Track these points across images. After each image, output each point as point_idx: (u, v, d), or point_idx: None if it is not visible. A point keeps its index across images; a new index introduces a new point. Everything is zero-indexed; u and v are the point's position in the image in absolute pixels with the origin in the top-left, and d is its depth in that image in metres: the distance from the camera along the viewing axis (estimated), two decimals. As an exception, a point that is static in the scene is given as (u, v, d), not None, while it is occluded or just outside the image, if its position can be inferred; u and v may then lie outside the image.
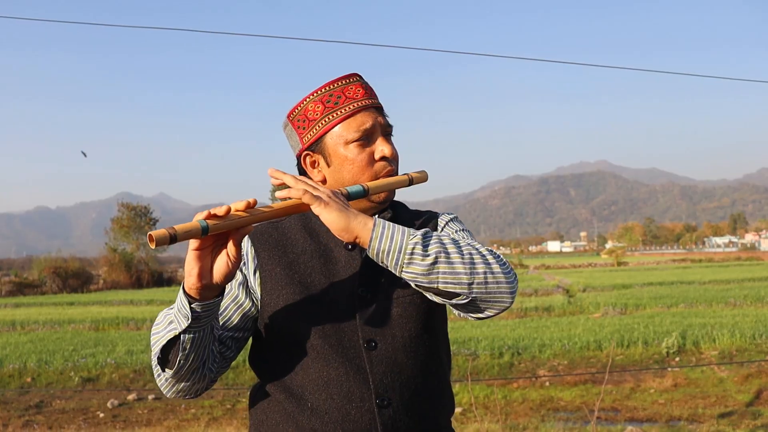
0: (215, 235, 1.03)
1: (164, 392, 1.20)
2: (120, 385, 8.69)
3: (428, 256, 1.04)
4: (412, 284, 1.08)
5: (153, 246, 0.96)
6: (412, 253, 1.04)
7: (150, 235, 0.95)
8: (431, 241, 1.05)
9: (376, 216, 1.08)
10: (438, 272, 1.04)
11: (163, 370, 1.15)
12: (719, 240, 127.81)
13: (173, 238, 0.95)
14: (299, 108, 1.25)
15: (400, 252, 1.04)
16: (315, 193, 1.06)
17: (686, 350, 9.34)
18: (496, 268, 1.08)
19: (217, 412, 7.23)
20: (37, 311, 20.36)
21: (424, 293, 1.11)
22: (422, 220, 1.33)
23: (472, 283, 1.05)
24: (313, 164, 1.27)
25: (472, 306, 1.09)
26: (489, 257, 1.09)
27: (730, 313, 12.83)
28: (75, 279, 37.79)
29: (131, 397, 7.97)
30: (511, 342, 9.81)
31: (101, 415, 7.33)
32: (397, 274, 1.07)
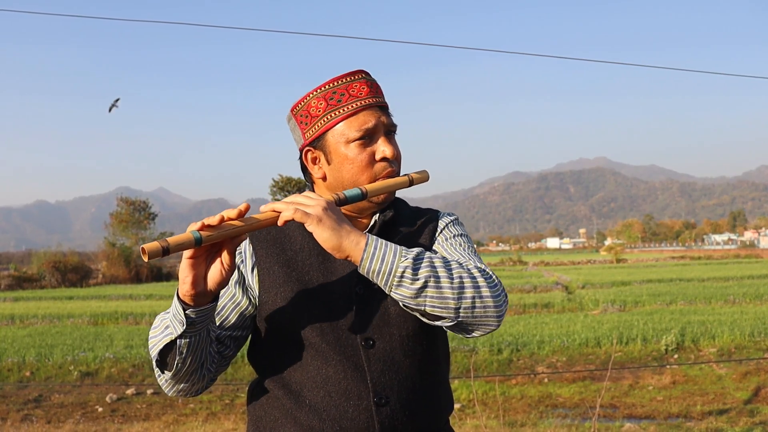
0: (209, 244, 1.04)
1: (165, 391, 1.21)
2: (119, 379, 8.69)
3: (417, 280, 1.04)
4: (400, 304, 1.10)
5: (146, 259, 0.96)
6: (401, 276, 1.04)
7: (143, 248, 0.96)
8: (422, 264, 1.05)
9: (369, 234, 1.08)
10: (426, 296, 1.05)
11: (162, 372, 1.16)
12: (718, 237, 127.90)
13: (166, 251, 0.96)
14: (302, 103, 1.24)
15: (389, 274, 1.05)
16: (307, 210, 1.05)
17: (685, 347, 9.35)
18: (485, 292, 1.08)
19: (215, 407, 7.23)
20: (36, 305, 20.35)
21: (411, 313, 1.12)
22: (423, 219, 1.32)
23: (459, 308, 1.06)
24: (314, 160, 1.27)
25: (457, 328, 1.11)
26: (479, 280, 1.09)
27: (729, 311, 12.84)
28: (74, 273, 37.75)
29: (130, 391, 7.98)
30: (510, 338, 9.81)
31: (100, 409, 7.33)
32: (387, 293, 1.08)
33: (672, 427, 6.03)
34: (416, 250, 1.08)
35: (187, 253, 1.03)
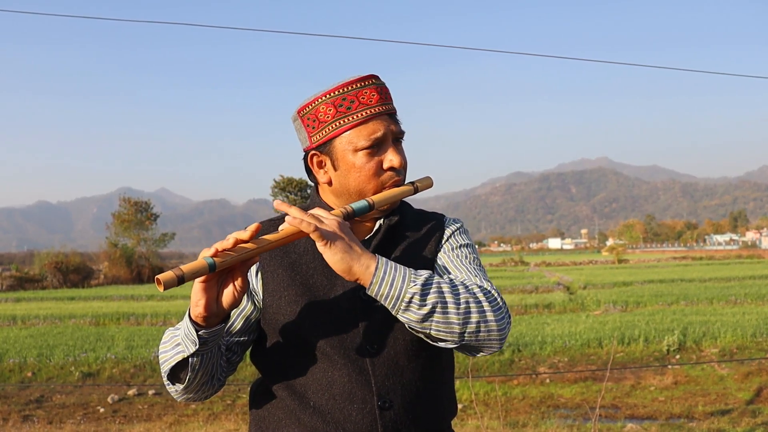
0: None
1: (175, 398, 1.23)
2: (120, 380, 8.70)
3: (425, 306, 1.05)
4: (406, 325, 1.11)
5: (161, 289, 0.97)
6: (409, 302, 1.05)
7: (157, 278, 0.97)
8: (430, 290, 1.06)
9: (378, 257, 1.08)
10: (432, 321, 1.06)
11: (173, 384, 1.18)
12: (720, 238, 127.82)
13: (181, 280, 0.97)
14: (310, 107, 1.22)
15: (398, 299, 1.06)
16: (322, 227, 1.05)
17: (687, 348, 9.34)
18: (490, 316, 1.09)
19: (216, 407, 7.23)
20: (38, 306, 20.38)
21: (415, 334, 1.14)
22: (429, 225, 1.32)
23: (463, 333, 1.08)
24: (320, 164, 1.26)
25: (460, 349, 1.13)
26: (485, 304, 1.10)
27: (730, 311, 12.82)
28: (76, 274, 37.83)
29: (131, 392, 7.99)
30: (511, 339, 9.79)
31: (101, 410, 7.34)
32: (394, 315, 1.09)
33: (674, 428, 6.02)
34: (425, 274, 1.09)
35: (199, 278, 1.04)
